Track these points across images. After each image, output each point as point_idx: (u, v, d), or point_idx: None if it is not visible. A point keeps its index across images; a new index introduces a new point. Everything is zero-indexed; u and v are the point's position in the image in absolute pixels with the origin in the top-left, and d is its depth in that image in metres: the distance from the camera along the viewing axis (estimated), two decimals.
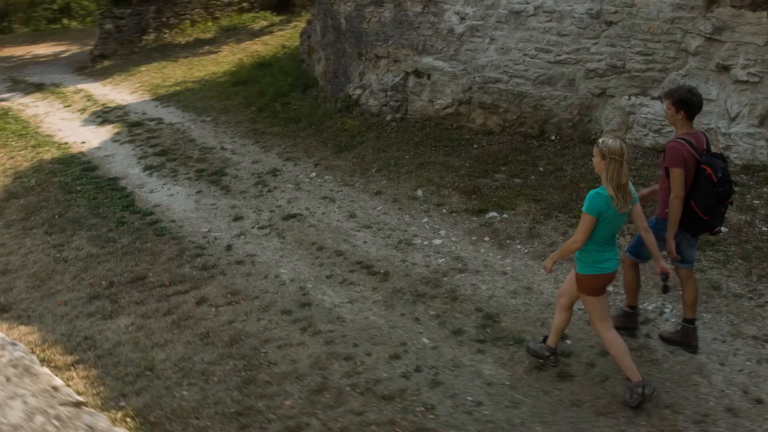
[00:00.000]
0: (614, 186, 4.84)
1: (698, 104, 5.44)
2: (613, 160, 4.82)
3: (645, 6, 9.30)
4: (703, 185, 5.29)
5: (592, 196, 4.92)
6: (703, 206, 5.31)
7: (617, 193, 4.83)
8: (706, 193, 5.28)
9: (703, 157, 5.35)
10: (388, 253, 7.46)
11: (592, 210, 4.87)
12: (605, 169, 4.86)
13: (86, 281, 7.34)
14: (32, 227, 8.75)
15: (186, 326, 6.37)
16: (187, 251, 7.82)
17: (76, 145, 11.74)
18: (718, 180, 5.26)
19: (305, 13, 20.97)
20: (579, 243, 4.95)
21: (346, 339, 6.03)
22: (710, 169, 5.27)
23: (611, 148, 4.84)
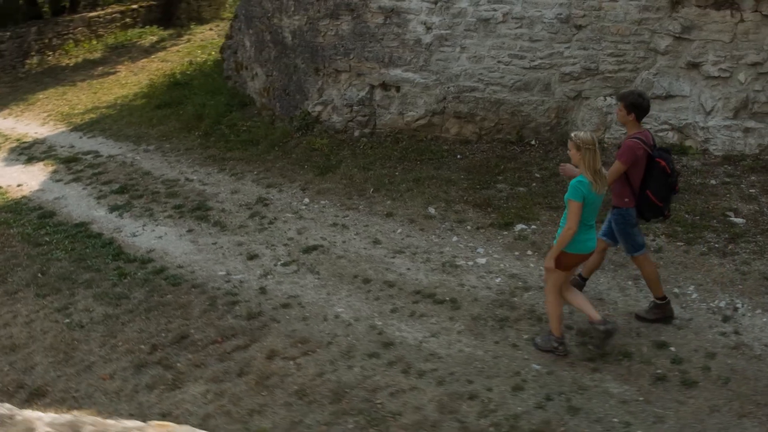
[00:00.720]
0: (591, 172, 5.44)
1: (647, 107, 6.06)
2: (587, 150, 5.42)
3: (612, 9, 9.62)
4: (658, 176, 5.91)
5: (574, 185, 5.47)
6: (658, 195, 5.95)
7: (595, 177, 5.43)
8: (660, 183, 5.92)
9: (655, 151, 5.96)
10: (440, 278, 7.22)
11: (577, 196, 5.42)
12: (582, 158, 5.44)
13: (121, 347, 6.52)
14: (16, 290, 7.65)
15: (273, 385, 5.81)
16: (218, 300, 7.15)
17: (14, 190, 10.43)
18: (671, 171, 5.93)
19: (195, 26, 19.94)
20: (574, 228, 5.46)
21: (456, 376, 5.76)
22: (664, 162, 5.92)
23: (585, 140, 5.44)
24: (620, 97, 6.19)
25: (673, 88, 9.52)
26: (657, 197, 5.96)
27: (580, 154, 5.47)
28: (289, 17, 11.74)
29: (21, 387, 6.07)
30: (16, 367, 6.40)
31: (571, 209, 5.47)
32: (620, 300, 6.68)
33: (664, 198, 6.00)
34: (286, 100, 11.83)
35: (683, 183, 8.53)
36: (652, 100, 9.13)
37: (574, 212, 5.46)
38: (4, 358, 6.55)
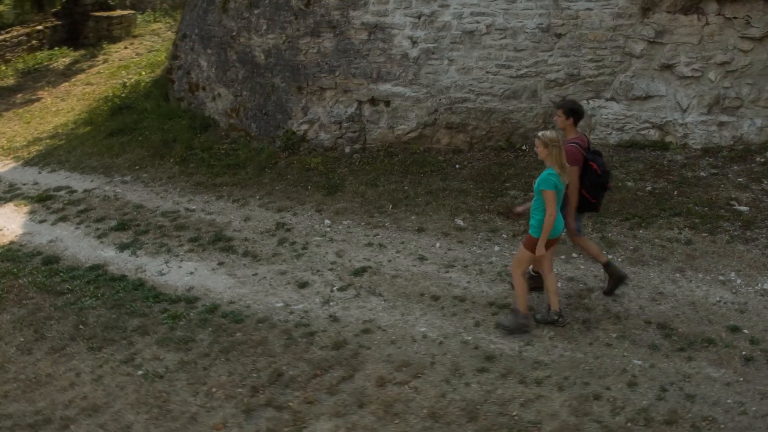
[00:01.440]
0: (558, 165, 6.23)
1: (583, 113, 7.00)
2: (554, 146, 6.21)
3: (588, 17, 10.31)
4: (592, 177, 6.78)
5: (546, 178, 6.24)
6: (591, 192, 6.83)
7: (561, 170, 6.25)
8: (593, 182, 6.80)
9: (589, 154, 6.81)
10: (504, 288, 7.55)
11: (550, 186, 6.22)
12: (549, 154, 6.23)
13: (217, 393, 6.36)
14: (63, 346, 7.21)
15: (402, 412, 5.92)
16: (293, 333, 7.11)
17: None
18: (601, 172, 6.78)
19: (107, 45, 19.03)
20: (554, 215, 6.23)
21: (571, 380, 6.12)
22: (596, 165, 6.78)
23: (551, 138, 6.24)
24: (559, 105, 7.09)
25: (650, 89, 10.32)
26: (590, 194, 6.84)
27: (548, 150, 6.24)
28: (260, 36, 11.59)
29: None
30: (108, 429, 6.08)
31: (547, 198, 6.21)
32: (677, 291, 7.27)
33: (596, 195, 6.89)
34: (264, 120, 11.67)
35: (676, 179, 9.35)
36: (632, 102, 9.97)
37: (551, 201, 6.21)
38: (89, 420, 6.20)
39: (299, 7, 11.03)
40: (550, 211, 6.24)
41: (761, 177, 9.26)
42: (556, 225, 6.39)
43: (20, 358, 7.12)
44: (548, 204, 6.24)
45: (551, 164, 6.28)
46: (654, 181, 9.42)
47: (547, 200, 6.24)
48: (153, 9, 20.76)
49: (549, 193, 6.23)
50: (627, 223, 8.49)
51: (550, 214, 6.24)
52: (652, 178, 9.53)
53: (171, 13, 20.71)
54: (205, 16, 12.77)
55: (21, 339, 7.41)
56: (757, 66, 9.96)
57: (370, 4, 10.71)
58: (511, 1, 10.44)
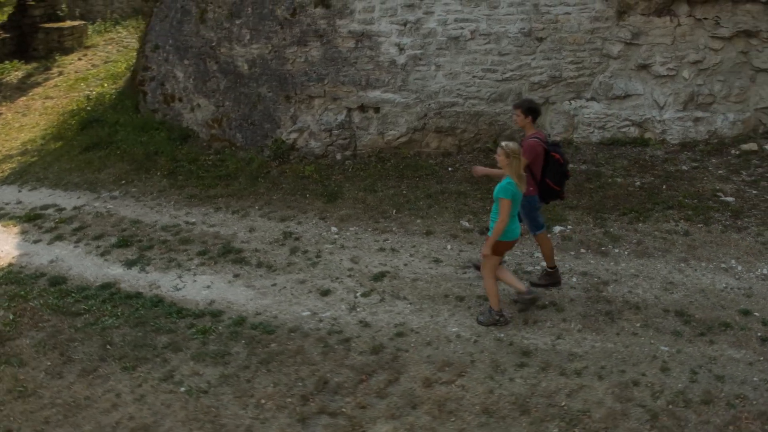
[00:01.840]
0: (517, 175, 6.73)
1: (539, 111, 7.65)
2: (515, 157, 6.68)
3: (567, 21, 10.81)
4: (554, 167, 7.31)
5: (505, 186, 6.73)
6: (555, 181, 7.38)
7: (519, 180, 6.73)
8: (556, 172, 7.31)
9: (550, 146, 7.38)
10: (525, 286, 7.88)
11: (508, 195, 6.70)
12: (509, 164, 6.71)
13: (267, 405, 6.50)
14: (95, 368, 7.17)
15: (455, 410, 6.20)
16: (328, 340, 7.29)
17: None
18: (563, 161, 7.32)
19: (60, 57, 18.58)
20: (506, 221, 6.74)
21: (608, 369, 6.52)
22: (558, 155, 7.32)
23: (513, 149, 6.72)
24: (517, 104, 7.64)
25: (628, 88, 10.90)
26: (554, 183, 7.37)
27: (509, 160, 6.70)
28: (243, 46, 11.64)
29: None
30: None
31: (502, 206, 6.72)
32: (686, 280, 7.78)
33: (559, 183, 7.42)
34: (251, 129, 11.72)
35: (661, 173, 9.93)
36: (611, 101, 10.52)
37: (505, 208, 6.71)
38: None
39: (285, 17, 11.13)
40: (503, 217, 6.74)
41: (739, 169, 9.91)
42: (513, 230, 6.92)
43: (52, 383, 7.03)
44: (503, 211, 6.73)
45: (510, 173, 6.76)
46: (641, 177, 9.96)
47: (502, 207, 6.74)
48: (103, 19, 20.31)
49: (505, 202, 6.71)
50: (626, 218, 8.97)
51: (502, 220, 6.74)
52: (638, 173, 10.07)
53: (121, 23, 20.32)
54: (180, 27, 12.70)
55: (48, 363, 7.31)
56: (727, 64, 10.65)
57: (356, 13, 10.90)
58: (493, 7, 10.82)
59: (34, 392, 6.91)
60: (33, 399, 6.83)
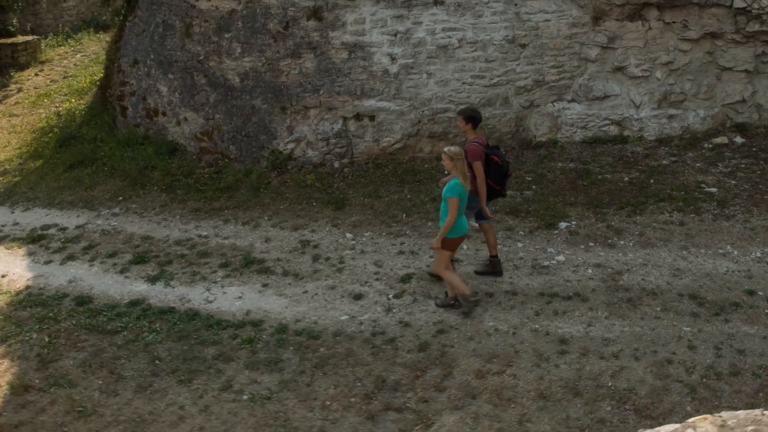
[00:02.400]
0: (462, 175, 7.43)
1: (480, 118, 8.32)
2: (458, 159, 7.41)
3: (546, 27, 11.55)
4: (494, 168, 8.11)
5: (452, 186, 7.39)
6: (496, 181, 8.17)
7: (464, 179, 7.44)
8: (496, 172, 8.12)
9: (490, 150, 8.16)
10: (545, 279, 8.54)
11: (455, 194, 7.39)
12: (454, 166, 7.42)
13: (333, 406, 6.89)
14: (149, 384, 7.39)
15: (513, 397, 6.75)
16: (374, 341, 7.73)
17: (2, 282, 9.42)
18: (502, 163, 8.12)
19: (15, 72, 18.22)
20: (454, 217, 7.40)
21: (641, 350, 7.21)
22: (496, 158, 8.11)
23: (456, 153, 7.45)
24: (459, 112, 8.47)
25: (606, 89, 11.71)
26: (495, 183, 8.18)
27: (453, 163, 7.42)
28: (234, 60, 11.88)
29: None
30: None
31: (451, 204, 7.38)
32: (691, 266, 8.57)
33: (500, 183, 8.20)
34: (245, 141, 11.97)
35: (645, 168, 10.76)
36: (592, 102, 11.30)
37: (453, 207, 7.38)
38: None
39: (278, 30, 11.44)
40: (452, 214, 7.41)
41: (715, 161, 10.85)
42: (461, 227, 7.58)
43: (109, 401, 7.20)
44: (451, 209, 7.41)
45: (456, 174, 7.46)
46: (627, 172, 10.77)
47: (450, 206, 7.40)
48: (55, 33, 19.95)
49: (453, 200, 7.40)
50: (623, 212, 9.73)
51: (452, 217, 7.41)
52: (624, 169, 10.88)
53: (73, 36, 20.01)
54: (163, 42, 12.80)
55: (99, 382, 7.46)
56: (695, 63, 11.59)
57: (348, 25, 11.33)
58: (477, 16, 11.44)
59: (94, 411, 7.06)
60: (94, 418, 6.98)
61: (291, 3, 11.32)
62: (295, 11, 11.32)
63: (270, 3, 11.38)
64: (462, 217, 7.57)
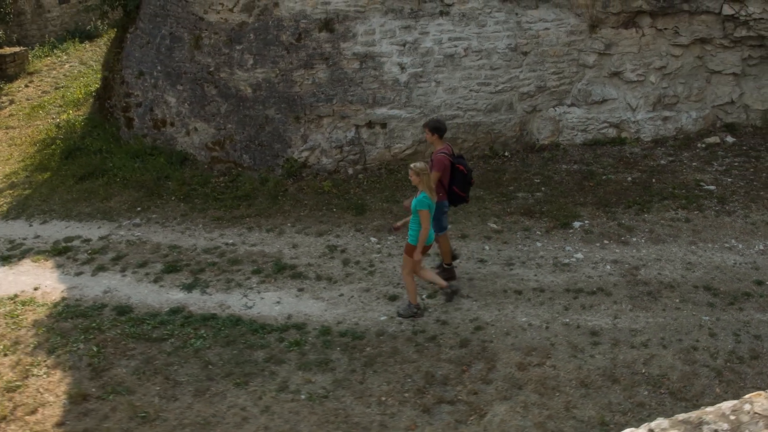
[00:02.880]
0: (429, 188, 8.01)
1: (444, 129, 8.83)
2: (424, 174, 8.00)
3: (546, 36, 12.22)
4: (459, 176, 8.66)
5: (421, 200, 7.97)
6: (461, 188, 8.73)
7: (431, 192, 8.02)
8: (460, 180, 8.67)
9: (455, 159, 8.71)
10: (568, 276, 9.16)
11: (425, 206, 7.99)
12: (421, 181, 8.01)
13: (388, 402, 7.38)
14: (207, 388, 7.79)
15: (556, 386, 7.34)
16: (416, 339, 8.24)
17: (39, 294, 9.68)
18: (467, 172, 8.69)
19: (4, 84, 18.28)
20: (428, 228, 8.05)
21: (667, 339, 7.87)
22: (462, 167, 8.65)
23: (422, 169, 8.03)
24: (425, 124, 8.93)
25: (604, 94, 12.42)
26: (460, 190, 8.72)
27: (419, 178, 7.99)
28: (246, 71, 12.28)
29: None
30: None
31: (423, 216, 7.97)
32: (701, 260, 9.28)
33: (464, 190, 8.75)
34: (259, 150, 12.38)
35: (645, 168, 11.49)
36: (590, 106, 12.00)
37: (426, 218, 7.99)
38: None
39: (290, 42, 11.88)
40: (425, 225, 8.00)
41: (710, 160, 11.63)
42: (429, 237, 8.17)
43: (170, 406, 7.58)
44: (424, 220, 7.98)
45: (423, 188, 8.00)
46: (629, 172, 11.48)
47: (422, 218, 7.98)
48: (41, 44, 19.99)
49: (425, 213, 7.96)
50: (631, 210, 10.42)
51: (425, 228, 8.00)
52: (625, 169, 11.59)
53: (59, 46, 20.08)
54: (171, 54, 13.12)
55: (156, 388, 7.83)
56: (686, 68, 12.36)
57: (359, 36, 11.82)
58: (481, 26, 12.04)
59: (157, 416, 7.43)
60: (159, 423, 7.36)
61: (303, 15, 11.76)
62: (307, 23, 11.76)
63: (282, 16, 11.80)
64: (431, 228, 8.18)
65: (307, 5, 11.67)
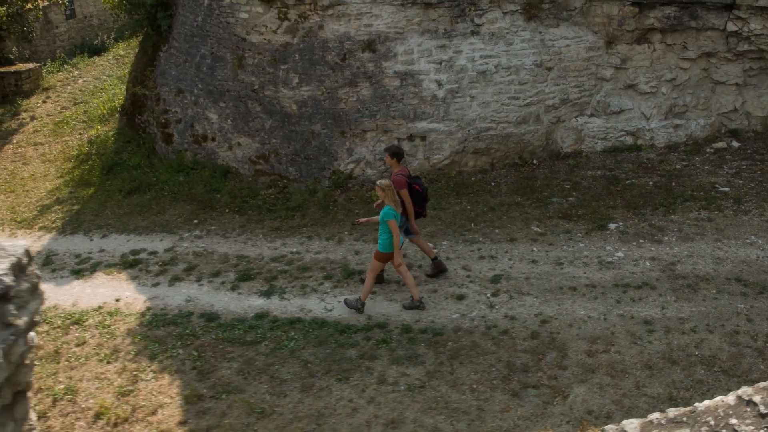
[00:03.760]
0: (394, 201, 9.44)
1: (402, 154, 10.33)
2: (389, 190, 9.44)
3: (568, 52, 13.54)
4: (416, 194, 10.13)
5: (387, 212, 9.37)
6: (418, 204, 10.17)
7: (395, 205, 9.43)
8: (418, 198, 10.15)
9: (412, 179, 10.15)
10: (614, 273, 10.46)
11: (391, 217, 9.40)
12: (386, 195, 9.42)
13: (480, 388, 8.56)
14: (311, 385, 8.83)
15: (624, 369, 8.61)
16: (491, 333, 9.44)
17: (122, 305, 10.57)
18: (422, 191, 10.15)
19: (22, 100, 18.92)
20: (398, 235, 9.45)
21: (712, 325, 9.22)
22: (418, 186, 10.12)
23: (387, 185, 9.48)
24: (385, 150, 10.40)
25: (621, 104, 13.80)
26: (417, 206, 10.17)
27: (385, 193, 9.43)
28: (291, 89, 13.34)
29: None
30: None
31: (391, 225, 9.38)
32: (728, 255, 10.68)
33: (421, 206, 10.21)
34: (305, 163, 13.43)
35: (663, 173, 12.88)
36: (609, 116, 13.36)
37: (394, 226, 9.39)
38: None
39: (335, 62, 12.97)
40: (395, 232, 9.39)
41: (720, 163, 13.09)
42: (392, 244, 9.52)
43: (281, 401, 8.60)
44: (393, 229, 9.39)
45: (389, 202, 9.42)
46: (649, 177, 12.86)
47: (391, 227, 9.39)
48: (52, 59, 20.62)
49: (393, 222, 9.35)
50: (659, 212, 11.79)
51: (396, 235, 9.41)
52: (645, 174, 12.97)
53: (69, 62, 20.73)
54: (212, 73, 14.08)
55: (264, 386, 8.86)
56: (694, 79, 13.81)
57: (399, 55, 12.97)
58: (509, 44, 13.30)
59: (273, 411, 8.45)
60: (276, 417, 8.37)
61: (347, 37, 12.86)
62: (351, 44, 12.87)
63: (327, 37, 12.88)
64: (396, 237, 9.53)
65: (351, 27, 12.77)
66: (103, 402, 8.77)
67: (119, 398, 8.92)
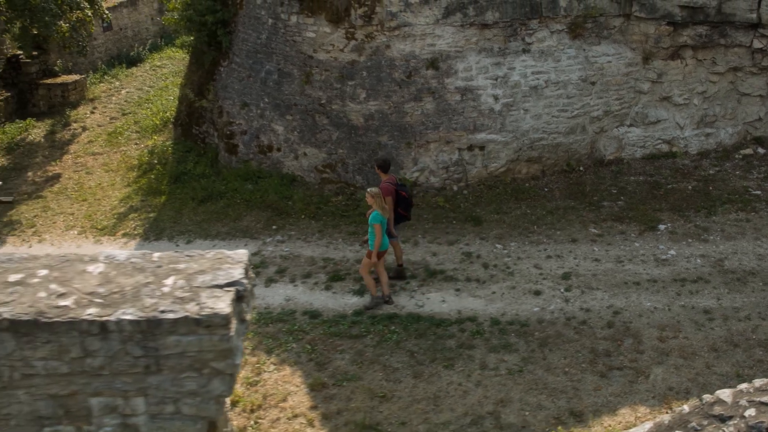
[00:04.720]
0: (381, 208, 11.05)
1: (390, 164, 12.23)
2: (378, 197, 11.05)
3: (609, 68, 15.24)
4: (403, 201, 11.83)
5: (375, 216, 10.99)
6: (404, 209, 11.94)
7: (383, 211, 11.07)
8: (404, 204, 11.88)
9: (399, 187, 11.90)
10: (670, 269, 12.14)
11: (378, 221, 11.00)
12: (375, 202, 11.04)
13: (571, 371, 10.18)
14: (421, 372, 10.32)
15: (694, 352, 10.31)
16: (571, 324, 11.07)
17: None
18: (408, 197, 11.86)
19: (70, 111, 20.18)
20: (381, 238, 11.08)
21: (763, 313, 10.92)
22: (404, 193, 11.84)
23: (376, 192, 11.12)
24: (375, 161, 12.58)
25: (657, 115, 15.54)
26: (404, 211, 11.91)
27: (374, 199, 11.00)
28: (359, 104, 14.87)
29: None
30: (527, 410, 9.68)
31: (377, 229, 10.95)
32: (766, 253, 12.46)
33: (407, 210, 11.95)
34: (372, 172, 14.93)
35: (699, 178, 14.64)
36: (647, 126, 15.10)
37: (379, 230, 10.97)
38: (518, 409, 9.68)
39: (402, 79, 14.53)
40: (380, 235, 10.98)
41: (749, 169, 14.89)
42: (384, 244, 11.19)
43: (397, 387, 10.11)
44: (377, 233, 10.97)
45: (377, 208, 10.99)
46: (687, 182, 14.62)
47: (376, 231, 10.96)
48: (93, 71, 21.87)
49: (377, 226, 10.93)
50: (700, 214, 13.53)
51: (380, 237, 10.99)
52: (683, 179, 14.73)
53: (109, 72, 21.99)
54: (279, 87, 15.56)
55: (379, 374, 10.36)
56: (722, 92, 15.59)
57: (459, 72, 14.57)
58: (557, 61, 14.96)
59: (392, 395, 9.95)
60: (395, 400, 9.86)
61: (413, 56, 14.43)
62: (416, 62, 14.44)
63: (394, 56, 14.43)
64: (385, 237, 11.14)
65: (416, 47, 14.34)
66: (235, 392, 10.20)
67: (248, 388, 10.35)
